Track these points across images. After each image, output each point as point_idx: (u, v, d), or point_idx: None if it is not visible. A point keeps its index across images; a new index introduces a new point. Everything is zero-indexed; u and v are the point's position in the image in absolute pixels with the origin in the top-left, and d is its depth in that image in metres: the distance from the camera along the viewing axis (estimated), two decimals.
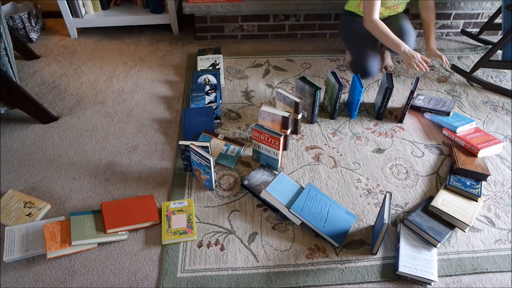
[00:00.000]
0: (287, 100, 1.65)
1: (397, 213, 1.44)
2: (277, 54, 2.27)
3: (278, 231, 1.36)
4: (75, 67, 2.15)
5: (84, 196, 1.47)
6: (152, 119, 1.82)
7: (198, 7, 2.21)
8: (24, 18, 2.22)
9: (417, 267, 1.23)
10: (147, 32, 2.46)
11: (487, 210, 1.45)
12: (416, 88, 1.68)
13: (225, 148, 1.63)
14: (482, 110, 1.90)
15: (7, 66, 1.56)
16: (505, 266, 1.28)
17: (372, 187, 1.53)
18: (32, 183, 1.52)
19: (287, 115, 1.52)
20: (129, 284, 1.22)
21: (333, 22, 2.36)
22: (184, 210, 1.40)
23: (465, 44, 2.42)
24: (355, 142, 1.71)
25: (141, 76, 2.09)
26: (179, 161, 1.61)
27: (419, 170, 1.60)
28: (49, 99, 1.92)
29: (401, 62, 2.22)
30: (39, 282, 1.22)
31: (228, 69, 2.14)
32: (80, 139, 1.71)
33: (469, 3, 2.32)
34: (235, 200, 1.47)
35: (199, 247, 1.31)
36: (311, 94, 1.66)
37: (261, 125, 1.49)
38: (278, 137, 1.44)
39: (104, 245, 1.32)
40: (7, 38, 1.61)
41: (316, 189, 1.44)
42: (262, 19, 2.32)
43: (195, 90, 1.86)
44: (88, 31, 2.45)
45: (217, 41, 2.40)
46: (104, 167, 1.59)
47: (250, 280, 1.23)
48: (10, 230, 1.31)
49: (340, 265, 1.27)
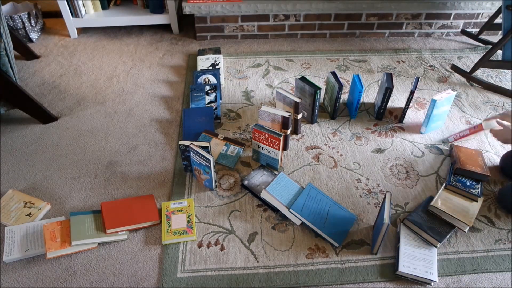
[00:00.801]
0: (287, 100, 1.65)
1: (397, 213, 1.44)
2: (277, 54, 2.27)
3: (278, 231, 1.36)
4: (75, 67, 2.15)
5: (84, 196, 1.47)
6: (152, 119, 1.82)
7: (198, 7, 2.21)
8: (24, 18, 2.22)
9: (417, 267, 1.23)
10: (147, 32, 2.46)
11: (487, 210, 1.45)
12: (416, 88, 1.68)
13: (225, 148, 1.63)
14: (482, 110, 1.90)
15: (7, 66, 1.56)
16: (505, 266, 1.28)
17: (372, 187, 1.53)
18: (32, 183, 1.52)
19: (287, 115, 1.52)
20: (129, 284, 1.22)
21: (333, 22, 2.36)
22: (184, 210, 1.40)
23: (465, 44, 2.42)
24: (355, 142, 1.71)
25: (141, 76, 2.09)
26: (179, 161, 1.61)
27: (419, 170, 1.60)
28: (49, 99, 1.92)
29: (401, 62, 2.22)
30: (39, 282, 1.22)
31: (228, 69, 2.14)
32: (80, 139, 1.71)
33: (469, 3, 2.32)
34: (235, 200, 1.47)
35: (199, 247, 1.31)
36: (311, 94, 1.66)
37: (261, 125, 1.49)
38: (278, 137, 1.44)
39: (104, 245, 1.32)
40: (7, 38, 1.61)
41: (316, 189, 1.44)
42: (262, 19, 2.32)
43: (195, 90, 1.86)
44: (88, 31, 2.45)
45: (217, 41, 2.40)
46: (104, 167, 1.59)
47: (250, 280, 1.23)
48: (10, 230, 1.31)
49: (340, 265, 1.27)
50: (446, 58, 2.27)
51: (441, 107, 1.67)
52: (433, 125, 1.74)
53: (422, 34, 2.46)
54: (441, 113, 1.70)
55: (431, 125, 1.72)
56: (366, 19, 2.36)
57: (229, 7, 2.22)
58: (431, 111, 1.66)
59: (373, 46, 2.36)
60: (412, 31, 2.44)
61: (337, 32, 2.42)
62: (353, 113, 1.81)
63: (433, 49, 2.35)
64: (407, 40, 2.44)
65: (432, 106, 1.64)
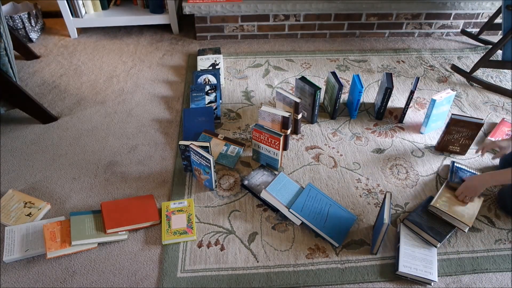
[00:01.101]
0: (287, 100, 1.65)
1: (397, 213, 1.44)
2: (277, 54, 2.27)
3: (278, 231, 1.36)
4: (75, 67, 2.15)
5: (84, 196, 1.47)
6: (152, 119, 1.82)
7: (198, 7, 2.21)
8: (24, 18, 2.22)
9: (417, 267, 1.23)
10: (147, 32, 2.46)
11: (487, 210, 1.45)
12: (416, 88, 1.68)
13: (225, 148, 1.63)
14: (482, 110, 1.90)
15: (7, 66, 1.56)
16: (505, 266, 1.28)
17: (372, 187, 1.53)
18: (32, 183, 1.52)
19: (287, 115, 1.52)
20: (129, 284, 1.22)
21: (333, 22, 2.36)
22: (184, 210, 1.40)
23: (465, 44, 2.42)
24: (355, 142, 1.71)
25: (141, 76, 2.09)
26: (179, 161, 1.61)
27: (419, 170, 1.60)
28: (49, 99, 1.92)
29: (401, 62, 2.22)
30: (39, 282, 1.22)
31: (228, 69, 2.14)
32: (80, 139, 1.71)
33: (469, 3, 2.32)
34: (235, 200, 1.47)
35: (199, 247, 1.31)
36: (311, 94, 1.66)
37: (261, 125, 1.49)
38: (278, 137, 1.44)
39: (104, 245, 1.32)
40: (7, 38, 1.61)
41: (316, 189, 1.44)
42: (262, 19, 2.32)
43: (195, 90, 1.86)
44: (88, 31, 2.45)
45: (217, 41, 2.40)
46: (104, 167, 1.59)
47: (250, 280, 1.23)
48: (10, 230, 1.31)
49: (340, 265, 1.27)
50: (446, 58, 2.27)
51: (440, 107, 1.67)
52: (433, 125, 1.74)
53: (422, 34, 2.46)
54: (440, 113, 1.70)
55: (431, 125, 1.72)
56: (366, 19, 2.36)
57: (229, 7, 2.22)
58: (431, 111, 1.66)
59: (373, 46, 2.36)
60: (412, 31, 2.44)
61: (337, 32, 2.42)
62: (353, 113, 1.81)
63: (433, 49, 2.35)
64: (407, 40, 2.44)
65: (432, 106, 1.64)
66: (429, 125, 1.72)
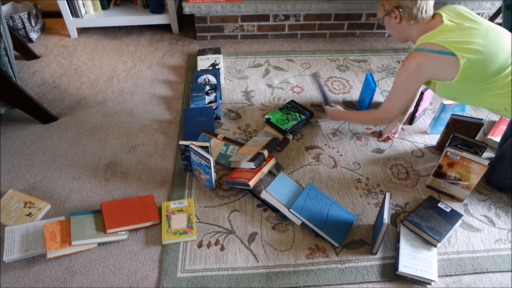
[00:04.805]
0: None
1: (397, 213, 1.44)
2: (277, 54, 2.27)
3: (278, 231, 1.37)
4: (75, 67, 2.15)
5: (84, 196, 1.47)
6: (152, 119, 1.82)
7: (198, 7, 2.21)
8: (24, 18, 2.22)
9: (417, 267, 1.23)
10: (147, 32, 2.46)
11: (487, 210, 1.45)
12: (427, 89, 1.67)
13: (224, 148, 1.63)
14: (482, 110, 1.90)
15: (7, 66, 1.56)
16: (505, 266, 1.28)
17: (372, 187, 1.53)
18: (32, 183, 1.52)
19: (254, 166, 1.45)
20: (129, 284, 1.22)
21: (333, 22, 2.36)
22: (184, 210, 1.40)
23: None
24: (355, 142, 1.71)
25: (141, 76, 2.09)
26: (179, 161, 1.61)
27: (419, 170, 1.60)
28: (49, 99, 1.92)
29: (401, 62, 2.22)
30: (39, 282, 1.22)
31: (228, 69, 2.14)
32: (80, 139, 1.71)
33: (469, 3, 2.32)
34: (235, 200, 1.47)
35: (199, 247, 1.31)
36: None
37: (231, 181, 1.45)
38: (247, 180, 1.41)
39: (104, 245, 1.32)
40: (7, 38, 1.61)
41: (316, 189, 1.44)
42: (262, 19, 2.32)
43: (195, 90, 1.86)
44: (88, 31, 2.45)
45: (217, 41, 2.40)
46: (104, 167, 1.59)
47: (250, 280, 1.23)
48: (10, 230, 1.31)
49: (340, 265, 1.27)
50: None
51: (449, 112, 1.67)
52: (440, 128, 1.73)
53: None
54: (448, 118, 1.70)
55: (437, 127, 1.72)
56: (366, 19, 2.36)
57: (229, 7, 2.22)
58: (439, 115, 1.66)
59: (373, 46, 2.36)
60: None
61: (337, 32, 2.42)
62: None
63: None
64: None
65: (440, 110, 1.64)
66: (435, 127, 1.72)
